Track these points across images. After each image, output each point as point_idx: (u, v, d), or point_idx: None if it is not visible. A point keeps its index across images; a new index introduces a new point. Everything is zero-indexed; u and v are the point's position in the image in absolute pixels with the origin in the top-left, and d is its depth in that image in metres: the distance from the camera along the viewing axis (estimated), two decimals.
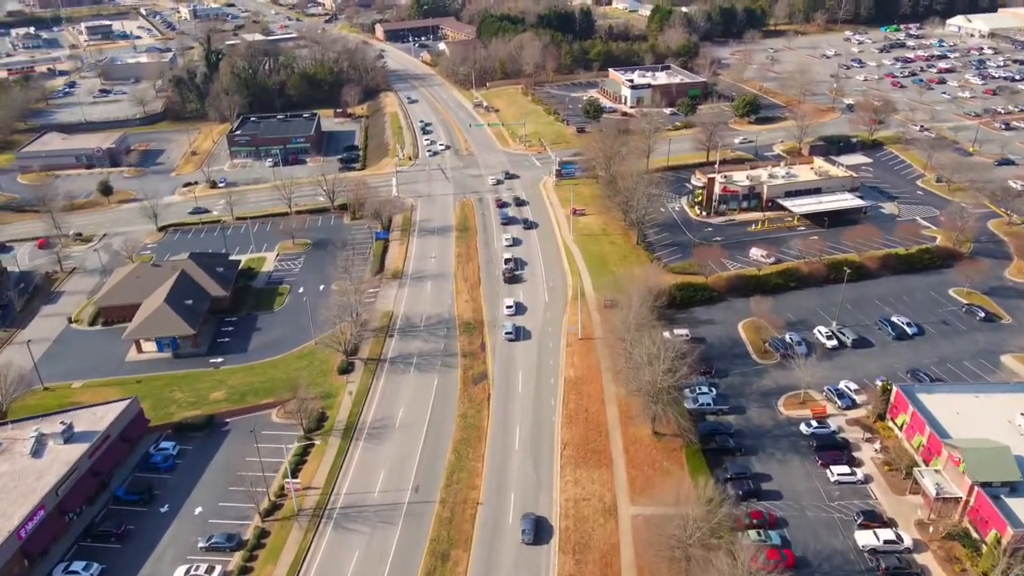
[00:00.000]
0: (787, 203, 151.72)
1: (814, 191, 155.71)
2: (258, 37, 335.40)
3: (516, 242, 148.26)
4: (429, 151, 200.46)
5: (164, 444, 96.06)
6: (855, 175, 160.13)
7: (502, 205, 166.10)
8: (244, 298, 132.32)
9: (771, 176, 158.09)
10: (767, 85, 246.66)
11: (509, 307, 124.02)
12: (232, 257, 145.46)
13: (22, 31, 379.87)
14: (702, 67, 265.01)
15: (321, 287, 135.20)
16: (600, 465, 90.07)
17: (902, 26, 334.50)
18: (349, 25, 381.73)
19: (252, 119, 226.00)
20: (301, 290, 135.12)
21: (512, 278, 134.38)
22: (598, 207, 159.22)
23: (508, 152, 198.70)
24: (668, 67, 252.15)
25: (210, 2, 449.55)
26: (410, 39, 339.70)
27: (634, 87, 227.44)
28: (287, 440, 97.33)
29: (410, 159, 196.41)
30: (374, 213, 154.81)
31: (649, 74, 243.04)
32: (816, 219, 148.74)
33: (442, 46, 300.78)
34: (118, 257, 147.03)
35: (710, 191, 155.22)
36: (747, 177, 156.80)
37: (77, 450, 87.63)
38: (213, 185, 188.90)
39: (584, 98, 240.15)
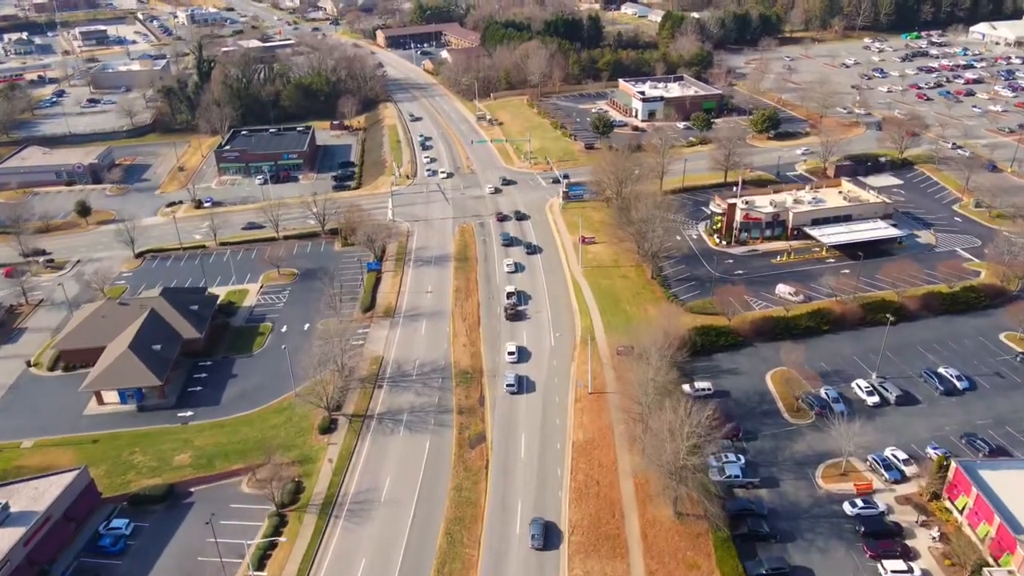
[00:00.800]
0: (815, 232, 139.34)
1: (844, 218, 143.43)
2: (255, 44, 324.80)
3: (519, 268, 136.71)
4: (428, 170, 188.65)
5: (116, 522, 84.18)
6: (888, 200, 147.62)
7: (502, 219, 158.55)
8: (221, 338, 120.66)
9: (796, 202, 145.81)
10: (786, 97, 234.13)
11: (511, 353, 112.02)
12: (211, 290, 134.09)
13: (14, 36, 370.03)
14: (716, 77, 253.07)
15: (306, 325, 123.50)
16: (614, 556, 77.94)
17: (923, 33, 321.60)
18: (350, 30, 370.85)
19: (243, 132, 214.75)
20: (284, 328, 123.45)
21: (515, 315, 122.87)
22: (609, 234, 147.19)
23: (512, 170, 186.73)
24: (681, 78, 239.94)
25: (209, 7, 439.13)
26: (412, 46, 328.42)
27: (646, 100, 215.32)
28: (257, 515, 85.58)
29: (407, 178, 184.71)
30: (367, 240, 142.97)
31: (661, 85, 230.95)
32: (847, 250, 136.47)
33: (444, 54, 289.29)
34: (89, 288, 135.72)
35: (730, 218, 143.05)
36: (770, 203, 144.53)
37: (10, 536, 76.01)
38: (198, 205, 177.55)
39: (592, 111, 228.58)
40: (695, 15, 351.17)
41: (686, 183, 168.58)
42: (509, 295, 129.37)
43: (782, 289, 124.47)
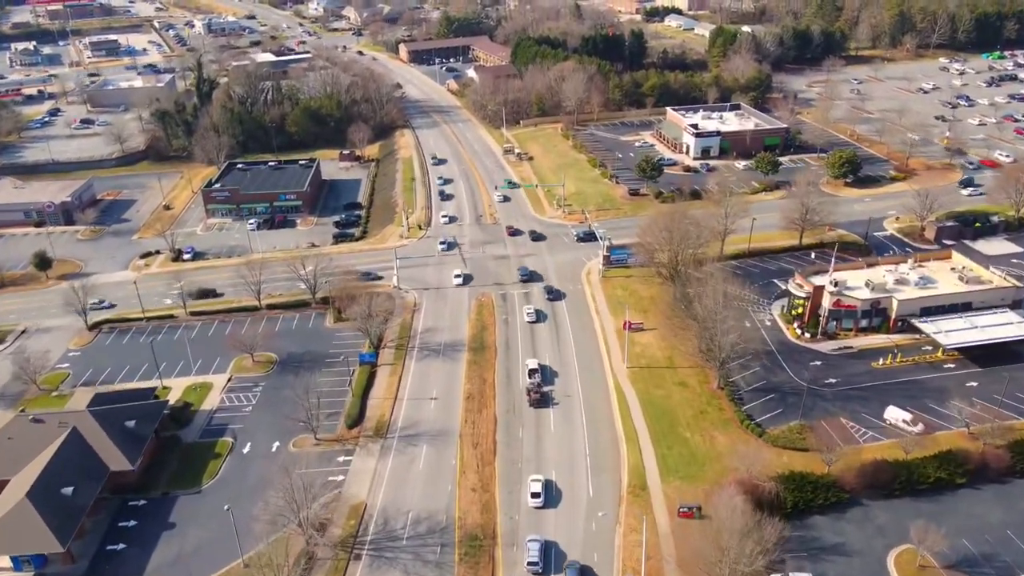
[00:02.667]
0: (928, 327, 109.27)
1: (961, 307, 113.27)
2: (268, 57, 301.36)
3: (544, 371, 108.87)
4: (444, 216, 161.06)
5: None
6: (1018, 283, 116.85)
7: (514, 233, 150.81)
8: (165, 462, 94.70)
9: (899, 282, 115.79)
10: (861, 130, 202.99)
11: (535, 495, 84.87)
12: (167, 383, 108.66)
13: (23, 46, 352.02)
14: (777, 104, 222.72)
15: (275, 444, 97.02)
16: None
17: (1007, 53, 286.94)
18: (372, 43, 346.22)
19: (238, 166, 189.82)
20: (248, 448, 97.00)
21: (539, 399, 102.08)
22: (660, 315, 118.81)
23: (542, 220, 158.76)
24: (738, 106, 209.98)
25: (229, 15, 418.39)
26: (436, 61, 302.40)
27: (699, 135, 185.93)
28: None
29: (420, 228, 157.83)
30: (363, 317, 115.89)
31: (716, 116, 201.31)
32: (971, 351, 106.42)
33: (471, 72, 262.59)
34: (20, 378, 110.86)
35: (816, 303, 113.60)
36: (867, 284, 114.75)
37: None
38: (177, 256, 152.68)
39: (636, 144, 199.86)
40: (746, 28, 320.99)
41: (752, 245, 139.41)
42: (532, 372, 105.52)
43: (894, 415, 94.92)
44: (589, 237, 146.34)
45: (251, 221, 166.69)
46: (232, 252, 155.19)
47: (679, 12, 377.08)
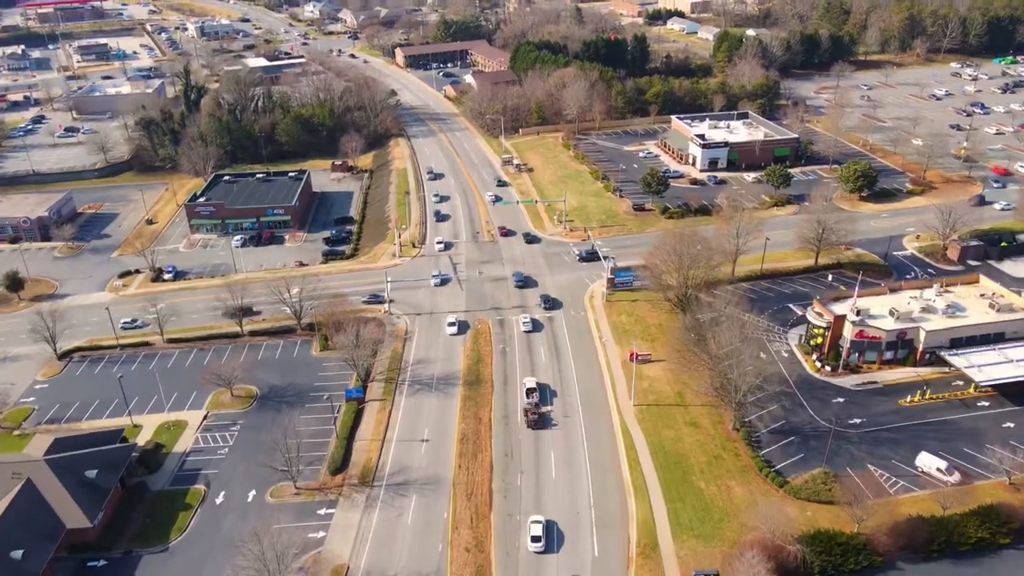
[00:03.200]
0: (958, 360, 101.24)
1: (993, 337, 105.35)
2: (260, 62, 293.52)
3: (545, 399, 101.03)
4: (440, 242, 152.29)
5: None
6: None
7: (507, 234, 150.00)
8: (130, 514, 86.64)
9: (926, 311, 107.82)
10: (874, 140, 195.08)
11: (535, 539, 77.54)
12: (138, 420, 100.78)
13: (11, 49, 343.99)
14: (787, 112, 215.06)
15: (251, 493, 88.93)
16: None
17: (1020, 58, 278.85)
18: (368, 47, 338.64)
19: (226, 178, 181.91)
20: (221, 497, 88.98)
21: (537, 420, 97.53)
22: (669, 345, 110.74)
23: (543, 236, 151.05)
24: (746, 115, 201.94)
25: (222, 18, 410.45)
26: (434, 66, 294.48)
27: (706, 146, 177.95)
28: None
29: (413, 246, 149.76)
30: (352, 348, 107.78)
31: (723, 125, 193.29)
32: (1005, 388, 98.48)
33: (469, 78, 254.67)
34: None
35: (837, 334, 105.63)
36: (891, 313, 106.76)
37: None
38: (157, 276, 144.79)
39: (640, 155, 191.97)
40: (751, 32, 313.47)
41: (765, 265, 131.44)
42: (529, 392, 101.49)
43: (927, 462, 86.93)
44: (592, 256, 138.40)
45: (237, 238, 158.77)
46: (216, 271, 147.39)
47: (682, 15, 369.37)
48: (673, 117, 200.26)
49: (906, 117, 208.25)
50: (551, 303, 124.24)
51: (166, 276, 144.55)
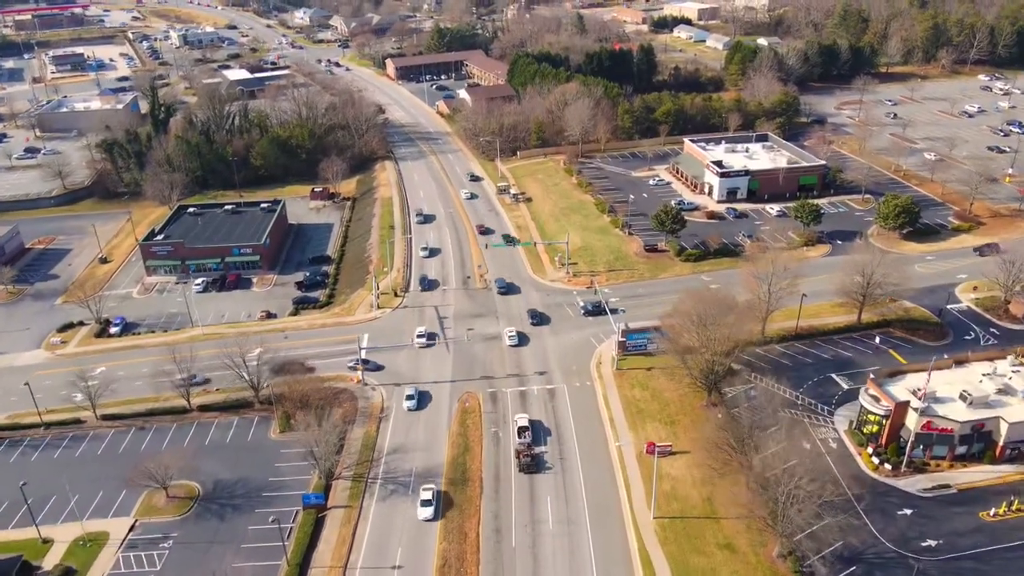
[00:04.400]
0: None
1: None
2: (243, 75, 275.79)
3: (535, 461, 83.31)
4: (423, 280, 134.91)
5: None
6: None
7: (484, 232, 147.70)
8: None
9: (1004, 391, 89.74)
10: (908, 165, 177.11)
11: None
12: (47, 533, 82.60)
13: None
14: (809, 132, 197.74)
15: None
16: None
17: None
18: (359, 56, 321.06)
19: (190, 209, 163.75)
20: None
21: (532, 462, 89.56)
22: (692, 427, 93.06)
23: (542, 284, 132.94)
24: (765, 137, 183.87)
25: (207, 26, 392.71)
26: (426, 78, 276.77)
27: (724, 174, 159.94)
28: None
29: (396, 294, 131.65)
30: (314, 439, 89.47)
31: (740, 148, 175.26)
32: None
33: (463, 94, 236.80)
34: None
35: (897, 423, 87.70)
36: (962, 397, 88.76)
37: None
38: (103, 330, 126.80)
39: (650, 182, 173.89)
40: (762, 41, 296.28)
41: (800, 323, 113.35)
42: (521, 431, 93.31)
43: None
44: (598, 310, 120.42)
45: (198, 281, 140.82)
46: (171, 322, 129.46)
47: (689, 23, 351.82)
48: (686, 139, 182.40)
49: (939, 137, 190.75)
50: (539, 318, 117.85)
51: (112, 330, 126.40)
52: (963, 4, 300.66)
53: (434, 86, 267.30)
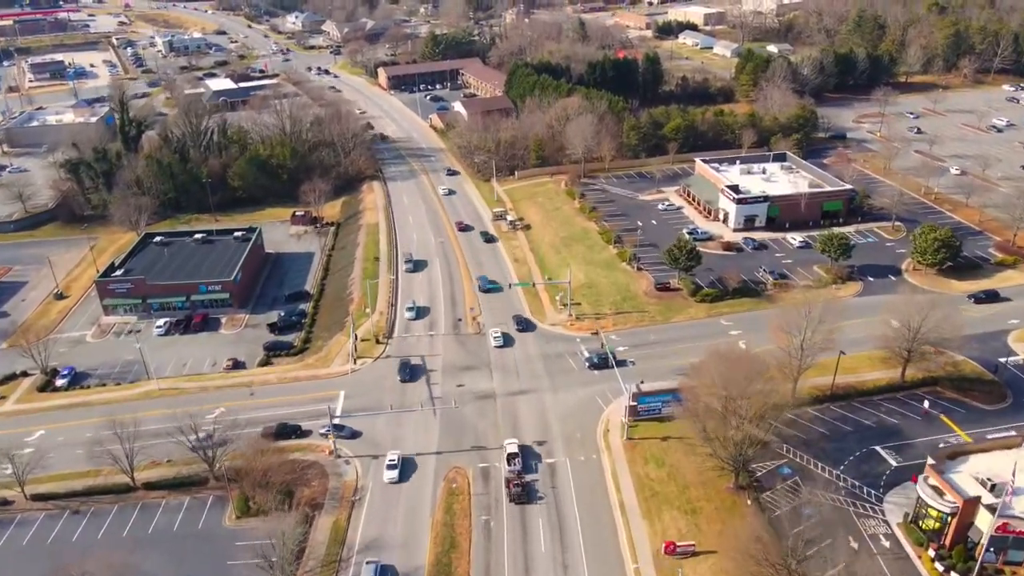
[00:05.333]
0: None
1: None
2: (226, 84, 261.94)
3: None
4: (409, 335, 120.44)
5: None
6: None
7: (464, 228, 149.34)
8: None
9: None
10: (940, 188, 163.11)
11: None
12: None
13: None
14: (829, 150, 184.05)
15: None
16: None
17: None
18: (351, 64, 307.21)
19: (157, 238, 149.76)
20: None
21: (521, 492, 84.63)
22: (717, 518, 79.21)
23: (542, 327, 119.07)
24: (783, 156, 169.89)
25: (195, 31, 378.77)
26: (420, 88, 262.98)
27: (741, 200, 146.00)
28: None
29: (377, 340, 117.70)
30: (273, 528, 75.83)
31: (757, 169, 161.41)
32: None
33: (458, 106, 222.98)
34: None
35: (964, 522, 73.82)
36: None
37: None
38: (48, 382, 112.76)
39: (659, 207, 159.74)
40: (772, 48, 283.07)
41: (837, 382, 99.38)
42: (511, 458, 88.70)
43: None
44: (605, 362, 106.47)
45: (159, 323, 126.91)
46: (126, 372, 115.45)
47: (695, 28, 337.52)
48: (697, 159, 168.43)
49: (969, 155, 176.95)
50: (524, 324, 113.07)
51: (59, 382, 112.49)
52: (984, 10, 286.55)
53: (428, 96, 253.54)
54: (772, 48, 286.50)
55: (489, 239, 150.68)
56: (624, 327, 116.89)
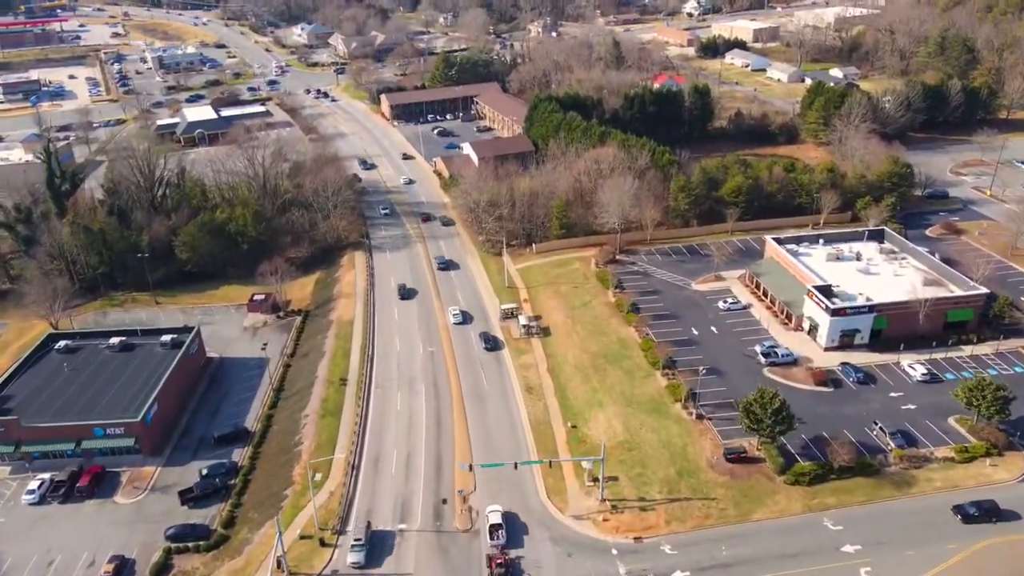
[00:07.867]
0: None
1: None
2: (205, 114, 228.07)
3: None
4: (361, 533, 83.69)
5: None
6: None
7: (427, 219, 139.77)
8: None
9: None
10: None
11: None
12: None
13: None
14: (925, 211, 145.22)
15: None
16: None
17: None
18: (354, 86, 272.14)
19: (62, 343, 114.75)
20: None
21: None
22: None
23: (560, 525, 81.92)
24: (880, 233, 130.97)
25: (190, 45, 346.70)
26: (428, 119, 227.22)
27: (837, 311, 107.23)
28: None
29: (323, 542, 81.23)
30: None
31: (848, 252, 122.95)
32: None
33: (467, 148, 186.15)
34: None
35: None
36: None
37: None
38: None
39: (720, 305, 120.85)
40: (837, 72, 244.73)
41: None
42: (494, 529, 75.02)
43: None
44: None
45: (33, 485, 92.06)
46: None
47: (743, 46, 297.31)
48: (768, 238, 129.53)
49: None
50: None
51: None
52: None
53: (436, 130, 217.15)
54: (837, 72, 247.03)
55: (493, 346, 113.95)
56: (681, 528, 79.35)
